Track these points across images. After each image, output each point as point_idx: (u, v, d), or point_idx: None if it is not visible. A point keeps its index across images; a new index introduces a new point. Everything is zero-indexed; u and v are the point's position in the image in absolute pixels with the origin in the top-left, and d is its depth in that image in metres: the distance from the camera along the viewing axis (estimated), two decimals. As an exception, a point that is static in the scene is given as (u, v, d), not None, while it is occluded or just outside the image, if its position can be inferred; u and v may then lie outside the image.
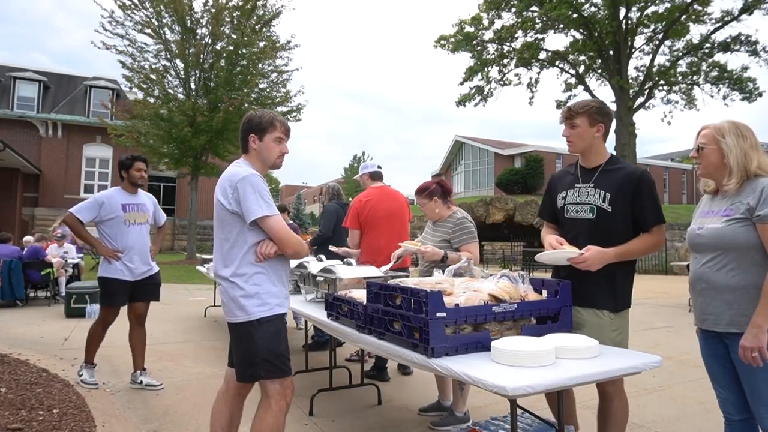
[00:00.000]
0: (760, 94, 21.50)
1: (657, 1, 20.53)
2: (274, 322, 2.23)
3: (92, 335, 4.05)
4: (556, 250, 2.33)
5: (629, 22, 21.21)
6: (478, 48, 23.42)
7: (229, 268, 2.22)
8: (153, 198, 4.33)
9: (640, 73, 22.32)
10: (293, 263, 3.50)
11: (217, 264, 2.31)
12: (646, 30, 21.87)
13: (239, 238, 2.22)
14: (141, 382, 4.03)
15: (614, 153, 2.53)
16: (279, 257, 2.28)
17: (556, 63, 23.60)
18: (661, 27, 21.24)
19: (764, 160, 1.97)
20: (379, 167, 4.58)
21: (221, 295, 2.31)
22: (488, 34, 23.23)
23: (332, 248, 4.58)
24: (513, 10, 22.38)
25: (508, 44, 23.26)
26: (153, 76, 17.99)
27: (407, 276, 3.16)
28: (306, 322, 4.41)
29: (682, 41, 22.01)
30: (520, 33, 22.79)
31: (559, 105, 24.45)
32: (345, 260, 3.51)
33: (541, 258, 2.39)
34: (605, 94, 42.32)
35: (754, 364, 1.86)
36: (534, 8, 21.88)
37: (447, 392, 3.40)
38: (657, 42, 21.65)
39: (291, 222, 6.51)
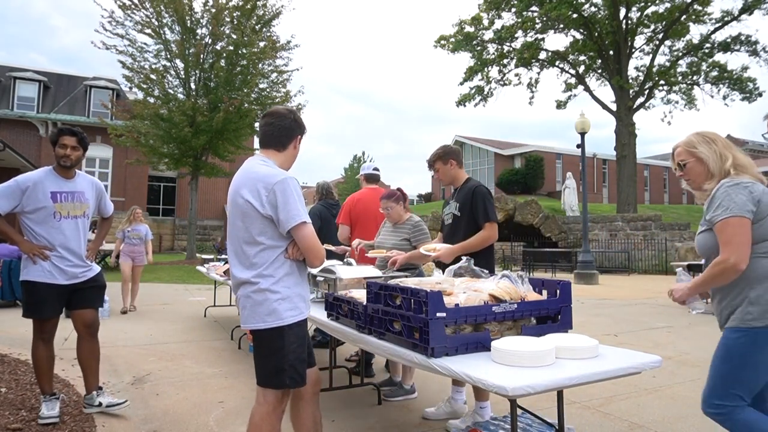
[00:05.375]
0: (760, 94, 21.53)
1: (657, 1, 20.56)
2: (302, 326, 2.17)
3: (35, 360, 3.22)
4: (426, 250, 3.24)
5: (629, 22, 21.22)
6: (478, 48, 23.45)
7: (258, 270, 2.10)
8: (98, 183, 3.50)
9: (640, 73, 22.35)
10: None
11: (240, 267, 2.16)
12: (646, 30, 21.90)
13: (272, 242, 2.12)
14: (99, 404, 3.25)
15: (472, 176, 3.28)
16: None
17: (556, 63, 23.62)
18: (661, 27, 21.27)
19: (739, 155, 2.06)
20: (375, 169, 4.71)
21: (242, 300, 2.16)
22: (488, 34, 23.28)
23: (331, 247, 4.59)
24: (513, 10, 22.41)
25: (508, 44, 23.29)
26: (153, 76, 17.95)
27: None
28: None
29: (682, 41, 22.05)
30: (520, 33, 22.82)
31: (559, 105, 24.51)
32: (345, 260, 3.52)
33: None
34: (605, 94, 42.33)
35: None
36: (534, 8, 21.91)
37: (398, 370, 3.92)
38: (657, 42, 21.67)
39: None
